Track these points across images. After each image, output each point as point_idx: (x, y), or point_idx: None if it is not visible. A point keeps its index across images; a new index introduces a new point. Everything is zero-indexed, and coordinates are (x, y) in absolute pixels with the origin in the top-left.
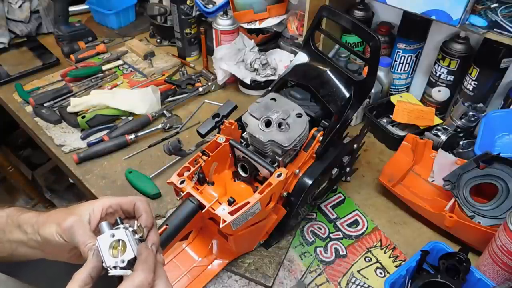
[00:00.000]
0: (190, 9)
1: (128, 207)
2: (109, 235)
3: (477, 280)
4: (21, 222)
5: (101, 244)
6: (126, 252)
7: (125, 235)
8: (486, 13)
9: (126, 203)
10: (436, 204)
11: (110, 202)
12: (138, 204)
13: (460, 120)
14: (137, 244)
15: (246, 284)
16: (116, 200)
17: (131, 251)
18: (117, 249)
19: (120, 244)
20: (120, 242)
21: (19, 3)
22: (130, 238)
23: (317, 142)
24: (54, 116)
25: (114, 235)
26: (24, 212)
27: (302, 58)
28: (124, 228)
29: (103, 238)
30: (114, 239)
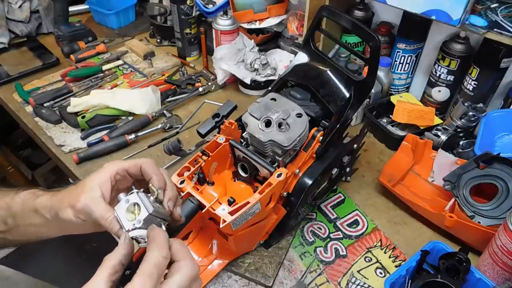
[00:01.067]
0: (190, 9)
1: (134, 170)
2: (124, 201)
3: (477, 280)
4: (38, 207)
5: (119, 212)
6: (141, 212)
7: (138, 197)
8: (486, 13)
9: (131, 167)
10: (436, 204)
11: (116, 169)
12: (144, 167)
13: (460, 120)
14: (152, 205)
15: (246, 284)
16: (121, 165)
17: (145, 211)
18: (134, 212)
19: (135, 207)
20: (136, 206)
21: (19, 3)
22: (144, 199)
23: (317, 142)
24: (54, 116)
25: (128, 200)
26: (38, 196)
27: (302, 58)
28: (136, 192)
29: (119, 206)
30: (129, 204)
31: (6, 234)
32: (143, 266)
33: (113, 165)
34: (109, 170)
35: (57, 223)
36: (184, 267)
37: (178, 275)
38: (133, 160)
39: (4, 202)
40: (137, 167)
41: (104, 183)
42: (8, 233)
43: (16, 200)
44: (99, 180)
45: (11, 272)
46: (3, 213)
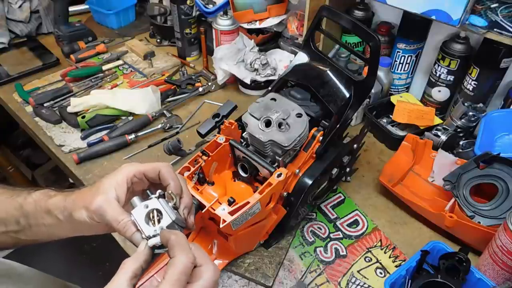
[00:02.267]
0: (190, 9)
1: (152, 175)
2: (142, 206)
3: (477, 280)
4: (51, 207)
5: (137, 217)
6: (163, 219)
7: (159, 203)
8: (486, 13)
9: (149, 170)
10: (436, 204)
11: (134, 171)
12: (163, 172)
13: (460, 120)
14: (173, 211)
15: (246, 284)
16: (139, 168)
17: (168, 217)
18: (154, 219)
19: (155, 213)
20: (155, 212)
21: (19, 3)
22: (165, 206)
23: (317, 142)
24: (54, 116)
25: (148, 205)
26: (51, 197)
27: (302, 58)
28: (156, 198)
29: (137, 211)
30: (149, 209)
31: (19, 234)
32: (170, 271)
33: (131, 167)
34: (126, 172)
35: (70, 224)
36: (208, 272)
37: (202, 280)
38: (151, 164)
39: (16, 202)
40: (155, 171)
41: (120, 185)
42: (21, 233)
43: (28, 201)
44: (115, 181)
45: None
46: (16, 213)
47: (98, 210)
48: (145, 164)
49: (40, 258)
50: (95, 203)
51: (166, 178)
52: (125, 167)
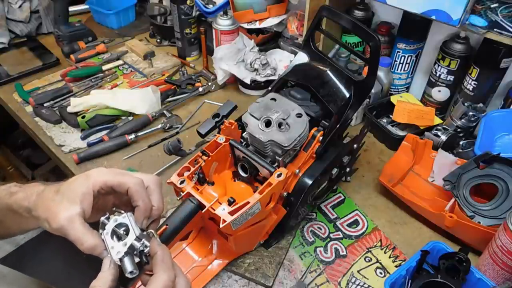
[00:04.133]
0: (190, 9)
1: (120, 190)
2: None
3: (477, 280)
4: (14, 207)
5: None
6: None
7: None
8: (486, 13)
9: (118, 185)
10: (436, 204)
11: (100, 183)
12: (132, 191)
13: (460, 120)
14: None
15: (246, 284)
16: (107, 181)
17: (133, 234)
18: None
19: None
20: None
21: (19, 3)
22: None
23: (317, 142)
24: (54, 116)
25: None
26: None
27: (302, 58)
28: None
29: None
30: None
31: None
32: None
33: (99, 177)
34: (92, 182)
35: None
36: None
37: None
38: (120, 178)
39: None
40: (123, 188)
41: (86, 197)
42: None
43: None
44: (80, 192)
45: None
46: None
47: (60, 230)
48: (115, 176)
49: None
50: (57, 222)
51: (134, 198)
52: (93, 175)
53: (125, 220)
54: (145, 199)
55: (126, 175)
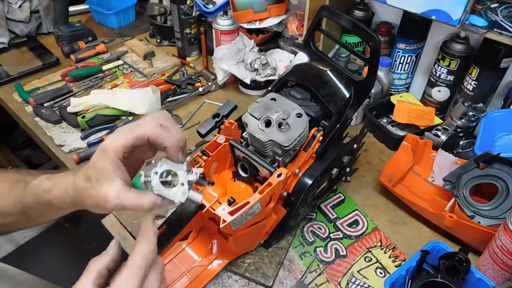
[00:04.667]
0: (190, 9)
1: (141, 142)
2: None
3: (477, 280)
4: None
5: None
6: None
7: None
8: (486, 13)
9: (137, 141)
10: (436, 204)
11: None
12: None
13: (460, 120)
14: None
15: (246, 284)
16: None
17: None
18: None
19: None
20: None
21: (19, 3)
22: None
23: (317, 142)
24: (54, 116)
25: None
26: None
27: (302, 58)
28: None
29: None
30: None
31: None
32: (131, 258)
33: (115, 145)
34: (113, 152)
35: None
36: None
37: None
38: (135, 132)
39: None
40: (143, 139)
41: (116, 169)
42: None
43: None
44: (109, 167)
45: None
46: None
47: (116, 207)
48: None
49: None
50: (109, 202)
51: (159, 142)
52: (108, 145)
53: (164, 166)
54: (169, 137)
55: (137, 128)
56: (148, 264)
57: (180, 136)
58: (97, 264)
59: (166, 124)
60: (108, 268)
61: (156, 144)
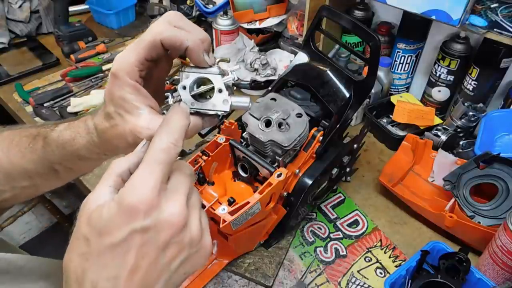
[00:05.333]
0: (190, 9)
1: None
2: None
3: (477, 280)
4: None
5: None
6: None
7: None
8: (486, 13)
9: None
10: (436, 204)
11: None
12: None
13: (460, 120)
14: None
15: (246, 284)
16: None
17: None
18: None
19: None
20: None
21: (19, 3)
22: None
23: (317, 142)
24: (54, 116)
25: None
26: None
27: (302, 58)
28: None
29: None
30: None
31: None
32: (148, 152)
33: (126, 65)
34: (128, 75)
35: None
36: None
37: None
38: (145, 40)
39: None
40: (157, 47)
41: (138, 95)
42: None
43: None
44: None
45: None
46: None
47: None
48: (137, 44)
49: None
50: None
51: (177, 44)
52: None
53: (191, 76)
54: (188, 35)
55: (146, 35)
56: (170, 160)
57: (201, 34)
58: (118, 166)
59: (180, 23)
60: (131, 172)
61: (174, 48)
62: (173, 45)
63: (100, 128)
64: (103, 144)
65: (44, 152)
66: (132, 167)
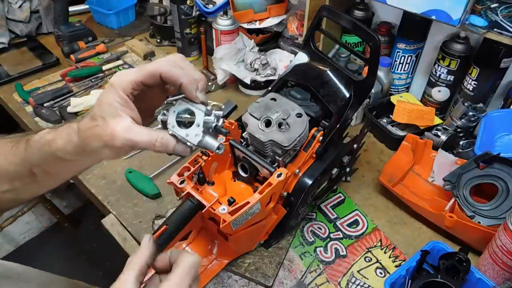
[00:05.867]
0: (190, 9)
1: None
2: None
3: (477, 280)
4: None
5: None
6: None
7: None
8: (486, 13)
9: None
10: (436, 204)
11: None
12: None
13: (460, 120)
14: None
15: (246, 284)
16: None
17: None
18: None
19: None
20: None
21: (19, 3)
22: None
23: (317, 142)
24: (54, 116)
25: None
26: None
27: (302, 58)
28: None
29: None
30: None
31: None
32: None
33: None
34: (121, 88)
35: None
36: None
37: None
38: (147, 68)
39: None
40: (155, 77)
41: (125, 105)
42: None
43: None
44: (116, 104)
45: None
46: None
47: (126, 144)
48: (139, 72)
49: (39, 258)
50: (118, 137)
51: (173, 77)
52: (116, 81)
53: (183, 105)
54: (184, 74)
55: (150, 65)
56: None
57: (197, 75)
58: (138, 260)
59: (181, 63)
60: (148, 264)
61: (170, 81)
62: (169, 79)
63: (82, 128)
64: (80, 143)
65: (25, 153)
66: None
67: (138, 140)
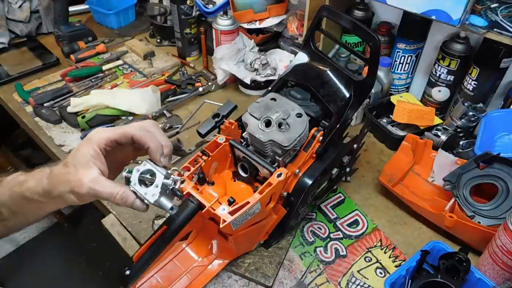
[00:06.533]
0: (190, 9)
1: (125, 140)
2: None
3: (477, 280)
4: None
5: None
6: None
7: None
8: (486, 13)
9: (120, 137)
10: (436, 204)
11: (104, 141)
12: (136, 137)
13: (460, 120)
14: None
15: (246, 284)
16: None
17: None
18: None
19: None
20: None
21: (19, 3)
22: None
23: (317, 142)
24: (54, 116)
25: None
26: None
27: (302, 58)
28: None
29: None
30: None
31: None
32: None
33: (100, 136)
34: (97, 143)
35: (54, 203)
36: None
37: None
38: (121, 129)
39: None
40: (127, 137)
41: (96, 158)
42: (7, 221)
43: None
44: (89, 155)
45: None
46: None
47: (90, 192)
48: (115, 130)
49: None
50: (84, 186)
51: (143, 141)
52: (93, 136)
53: (147, 166)
54: (152, 140)
55: (125, 127)
56: None
57: (164, 142)
58: None
59: (152, 129)
60: None
61: (140, 144)
62: (139, 141)
63: (53, 172)
64: (49, 186)
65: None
66: None
67: (101, 191)
